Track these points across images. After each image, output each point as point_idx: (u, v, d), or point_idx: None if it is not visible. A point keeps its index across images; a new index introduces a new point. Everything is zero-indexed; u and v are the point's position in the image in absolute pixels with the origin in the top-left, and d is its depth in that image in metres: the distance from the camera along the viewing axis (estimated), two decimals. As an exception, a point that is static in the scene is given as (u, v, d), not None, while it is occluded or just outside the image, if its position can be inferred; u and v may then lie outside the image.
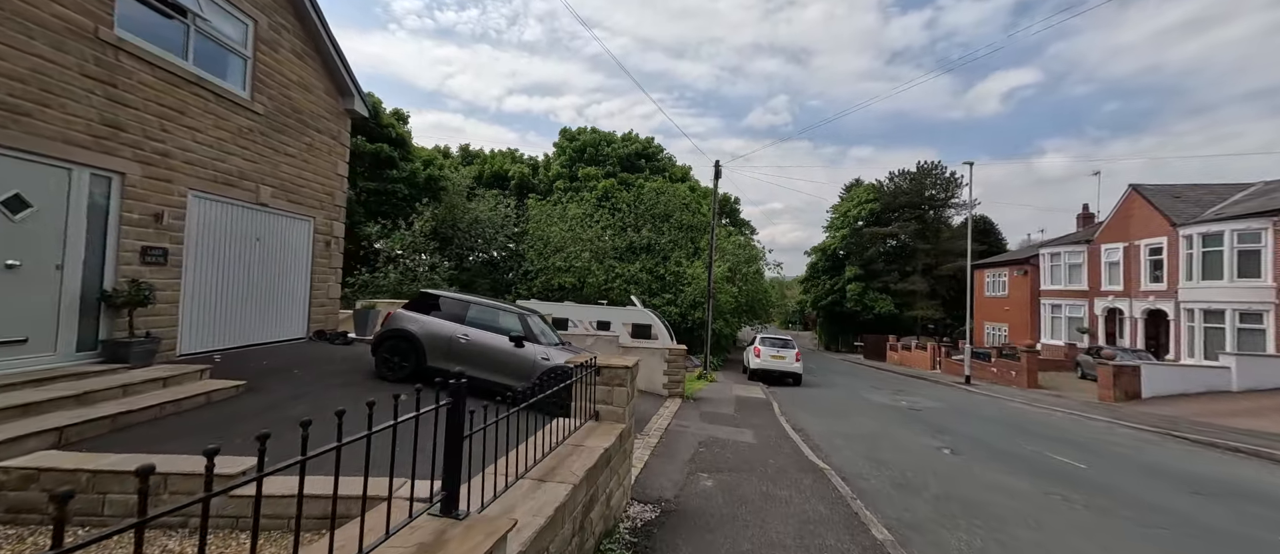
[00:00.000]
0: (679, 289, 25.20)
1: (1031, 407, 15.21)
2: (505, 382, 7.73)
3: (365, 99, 11.43)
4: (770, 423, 10.21)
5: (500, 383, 7.59)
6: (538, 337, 8.27)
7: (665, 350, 12.38)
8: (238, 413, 5.65)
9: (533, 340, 8.13)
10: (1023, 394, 17.92)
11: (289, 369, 7.65)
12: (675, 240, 27.84)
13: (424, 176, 25.96)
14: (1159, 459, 9.02)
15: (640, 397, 11.71)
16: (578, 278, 25.81)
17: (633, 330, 21.25)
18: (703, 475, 5.98)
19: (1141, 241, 24.61)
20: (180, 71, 7.15)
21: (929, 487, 6.34)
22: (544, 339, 8.39)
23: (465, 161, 39.99)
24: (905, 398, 16.11)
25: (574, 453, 3.75)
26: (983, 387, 20.19)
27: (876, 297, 45.45)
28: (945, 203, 48.96)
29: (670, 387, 12.24)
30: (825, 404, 13.93)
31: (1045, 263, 30.53)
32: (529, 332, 8.20)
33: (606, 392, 4.56)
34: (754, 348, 19.03)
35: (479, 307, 8.47)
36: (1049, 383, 20.58)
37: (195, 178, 7.49)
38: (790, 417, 11.47)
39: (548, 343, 8.36)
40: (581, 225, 26.75)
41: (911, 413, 13.09)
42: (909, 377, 25.40)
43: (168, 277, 7.09)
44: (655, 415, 9.58)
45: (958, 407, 14.71)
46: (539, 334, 8.35)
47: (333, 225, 10.73)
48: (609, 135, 37.43)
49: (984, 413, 13.81)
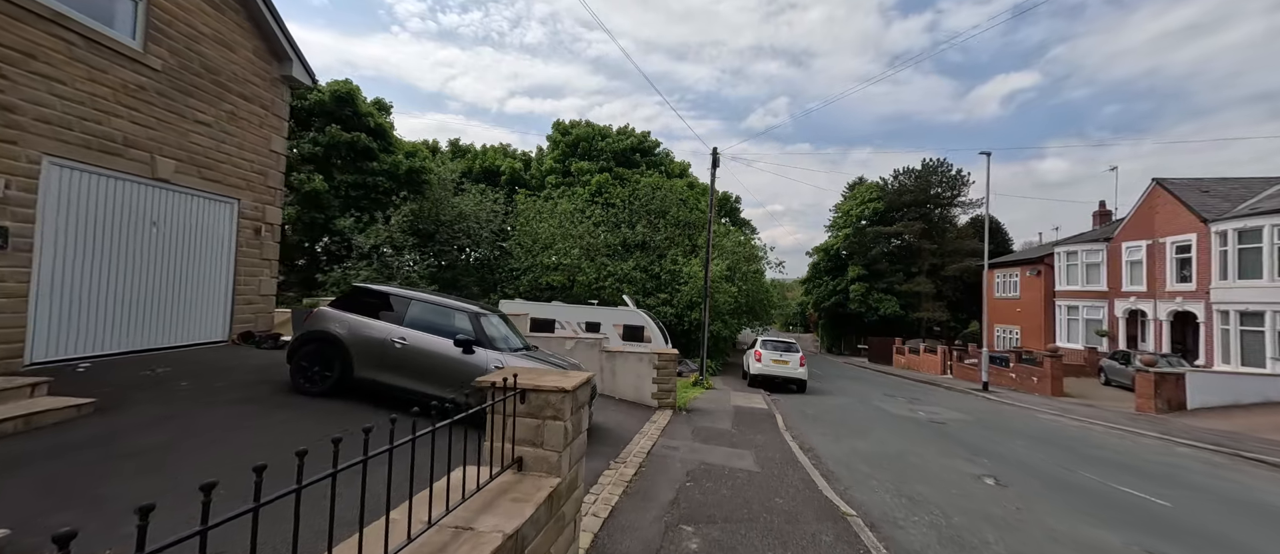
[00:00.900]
0: (675, 289, 23.68)
1: (1065, 419, 13.68)
2: (448, 396, 6.24)
3: (307, 65, 9.90)
4: (774, 441, 8.69)
5: (443, 398, 6.13)
6: (494, 341, 6.76)
7: (654, 356, 10.87)
8: (52, 448, 4.13)
9: (487, 345, 6.62)
10: (1049, 403, 16.39)
11: (176, 382, 6.13)
12: (671, 237, 26.31)
13: (406, 169, 24.45)
14: (1246, 491, 7.50)
15: (625, 410, 10.22)
16: (567, 276, 24.29)
17: (624, 332, 19.74)
18: (687, 530, 4.45)
19: (1167, 239, 23.09)
20: (28, 4, 5.64)
21: (990, 545, 4.81)
22: (504, 344, 6.89)
23: (456, 156, 38.52)
24: (922, 407, 14.58)
25: (454, 546, 2.22)
26: (1002, 394, 18.65)
27: (881, 297, 43.94)
28: (951, 201, 47.51)
29: (660, 396, 10.72)
30: (835, 416, 12.41)
31: (1061, 262, 29.01)
32: (481, 334, 6.69)
33: (533, 428, 3.05)
34: (754, 352, 17.51)
35: (423, 304, 6.95)
36: (1074, 390, 19.04)
37: (55, 141, 5.97)
38: (797, 432, 9.95)
39: (508, 348, 6.86)
40: (572, 221, 25.24)
41: (935, 426, 11.57)
42: (920, 382, 23.85)
43: (10, 264, 5.56)
44: (639, 434, 8.07)
45: (984, 418, 13.19)
46: (497, 338, 6.85)
47: (265, 210, 9.20)
48: (604, 129, 35.97)
49: (1015, 426, 12.28)
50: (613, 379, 10.95)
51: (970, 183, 46.27)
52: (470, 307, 7.05)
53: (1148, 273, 24.10)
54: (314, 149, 22.03)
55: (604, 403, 10.17)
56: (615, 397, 10.82)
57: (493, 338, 6.76)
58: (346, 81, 23.64)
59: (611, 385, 10.94)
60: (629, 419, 8.95)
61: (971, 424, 12.27)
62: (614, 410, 9.45)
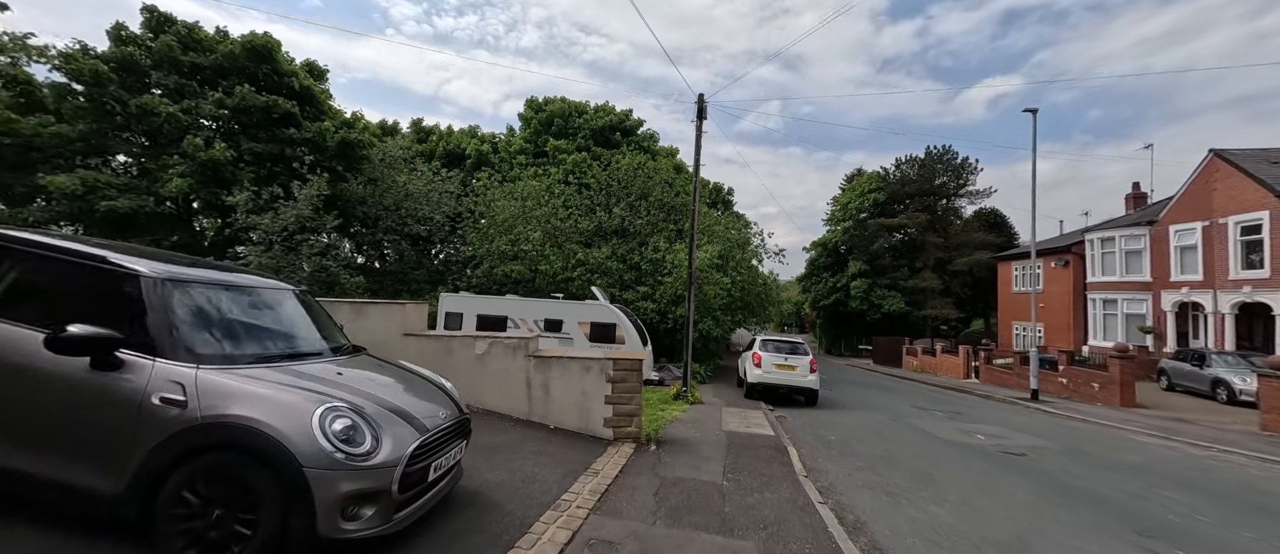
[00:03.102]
0: (658, 280, 20.01)
1: (1176, 443, 10.18)
2: (29, 468, 2.61)
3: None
4: (793, 509, 5.07)
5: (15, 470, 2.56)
6: (189, 343, 3.04)
7: (607, 362, 7.18)
8: None
9: (155, 350, 2.92)
10: (1127, 418, 12.91)
11: None
12: (655, 223, 22.62)
13: (337, 140, 20.54)
14: None
15: (559, 445, 6.49)
16: (528, 266, 20.54)
17: (591, 331, 16.06)
18: None
19: (1230, 218, 19.77)
20: None
21: None
22: (218, 344, 3.19)
23: (420, 140, 34.63)
24: (977, 427, 11.03)
25: None
26: (1057, 404, 15.15)
27: (884, 294, 40.64)
28: (957, 192, 44.29)
29: (618, 422, 7.07)
30: (870, 445, 8.82)
31: (1093, 250, 25.68)
32: (135, 322, 2.98)
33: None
34: (753, 355, 13.89)
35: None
36: (1142, 398, 15.58)
37: None
38: (826, 482, 6.35)
39: (249, 359, 3.21)
40: (537, 201, 21.51)
41: (1019, 463, 8.00)
42: (945, 389, 20.36)
43: None
44: (553, 506, 4.40)
45: (1071, 445, 9.63)
46: (182, 326, 3.09)
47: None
48: (581, 106, 32.24)
49: (1126, 459, 8.74)
50: (545, 398, 7.26)
51: (978, 171, 43.10)
52: (132, 262, 3.22)
53: (1204, 259, 20.78)
54: (217, 111, 18.15)
55: (525, 436, 6.50)
56: (549, 425, 7.15)
57: (170, 327, 3.01)
58: (265, 35, 19.75)
59: (543, 408, 7.26)
60: (550, 470, 5.27)
61: (1059, 454, 8.72)
62: (533, 451, 5.76)
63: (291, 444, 2.71)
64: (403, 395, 3.68)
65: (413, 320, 7.74)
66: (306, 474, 2.70)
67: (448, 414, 3.85)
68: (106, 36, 17.69)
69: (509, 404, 7.32)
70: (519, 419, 7.22)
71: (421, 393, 3.92)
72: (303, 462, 2.70)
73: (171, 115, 16.74)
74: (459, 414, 4.08)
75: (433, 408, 3.76)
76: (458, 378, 7.53)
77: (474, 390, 7.44)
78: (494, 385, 7.38)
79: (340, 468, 2.80)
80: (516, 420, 7.16)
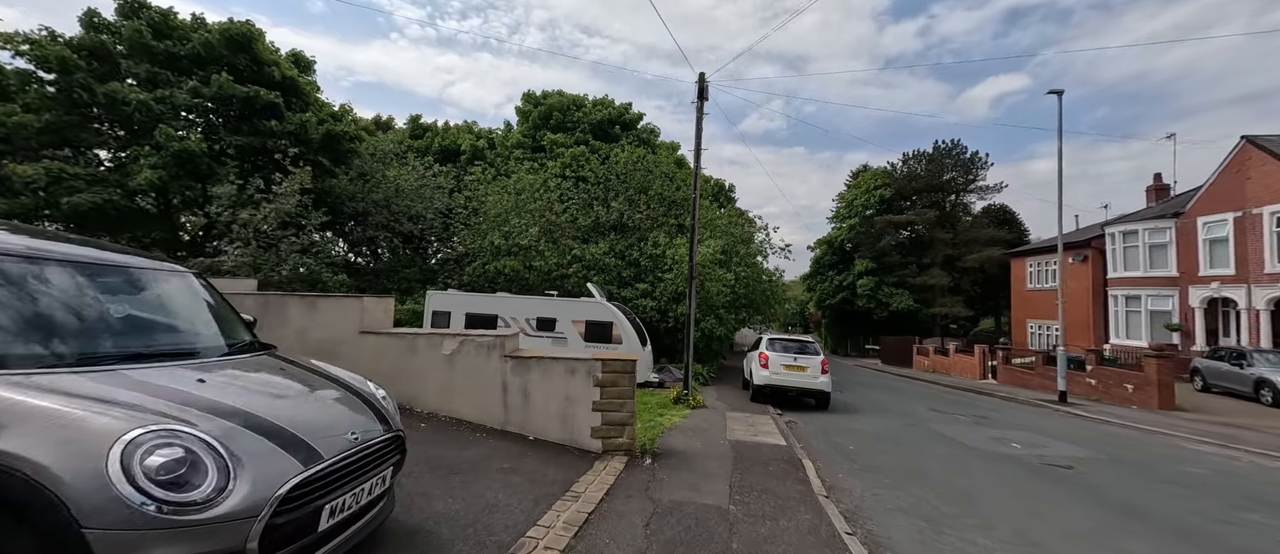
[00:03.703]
0: (658, 277, 19.03)
1: (1233, 451, 9.15)
2: None
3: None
4: (813, 541, 4.11)
5: None
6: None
7: (595, 364, 6.22)
8: None
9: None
10: (1169, 421, 11.86)
11: None
12: (655, 217, 21.64)
13: (322, 133, 19.64)
14: None
15: (538, 461, 5.48)
16: (523, 261, 19.60)
17: (587, 330, 15.12)
18: None
19: (1266, 208, 18.63)
20: None
21: None
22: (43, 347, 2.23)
23: (415, 135, 33.79)
24: (1009, 434, 10.01)
25: None
26: (1088, 407, 14.09)
27: (892, 292, 39.53)
28: (966, 187, 43.13)
29: (606, 432, 6.11)
30: (893, 456, 7.83)
31: (1114, 245, 24.52)
32: None
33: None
34: (759, 355, 12.90)
35: None
36: (1180, 400, 14.50)
37: None
38: (849, 503, 5.38)
39: (46, 361, 2.23)
40: (532, 195, 20.57)
41: (1065, 478, 6.99)
42: (962, 390, 19.32)
43: None
44: (531, 532, 3.44)
45: (1118, 455, 8.61)
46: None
47: None
48: (579, 99, 31.34)
49: (1183, 473, 7.71)
50: (523, 405, 6.31)
51: (988, 166, 41.94)
52: None
53: (1236, 252, 19.66)
54: (193, 100, 17.28)
55: (496, 450, 5.55)
56: (528, 435, 6.19)
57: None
58: (246, 23, 18.90)
59: (522, 416, 6.30)
60: (520, 495, 4.30)
61: (1109, 466, 7.71)
62: (502, 470, 4.80)
63: (64, 490, 1.76)
64: (296, 409, 2.73)
65: (373, 317, 6.79)
66: (88, 538, 1.76)
67: (366, 432, 2.90)
68: (78, 23, 16.88)
69: (482, 412, 6.37)
70: (493, 429, 6.27)
71: (328, 406, 2.97)
72: (80, 518, 1.76)
73: (143, 103, 15.86)
74: (387, 430, 3.13)
75: (343, 424, 2.81)
76: (423, 383, 6.63)
77: (442, 396, 6.50)
78: (465, 390, 6.43)
79: (153, 525, 1.85)
80: (490, 431, 6.21)
